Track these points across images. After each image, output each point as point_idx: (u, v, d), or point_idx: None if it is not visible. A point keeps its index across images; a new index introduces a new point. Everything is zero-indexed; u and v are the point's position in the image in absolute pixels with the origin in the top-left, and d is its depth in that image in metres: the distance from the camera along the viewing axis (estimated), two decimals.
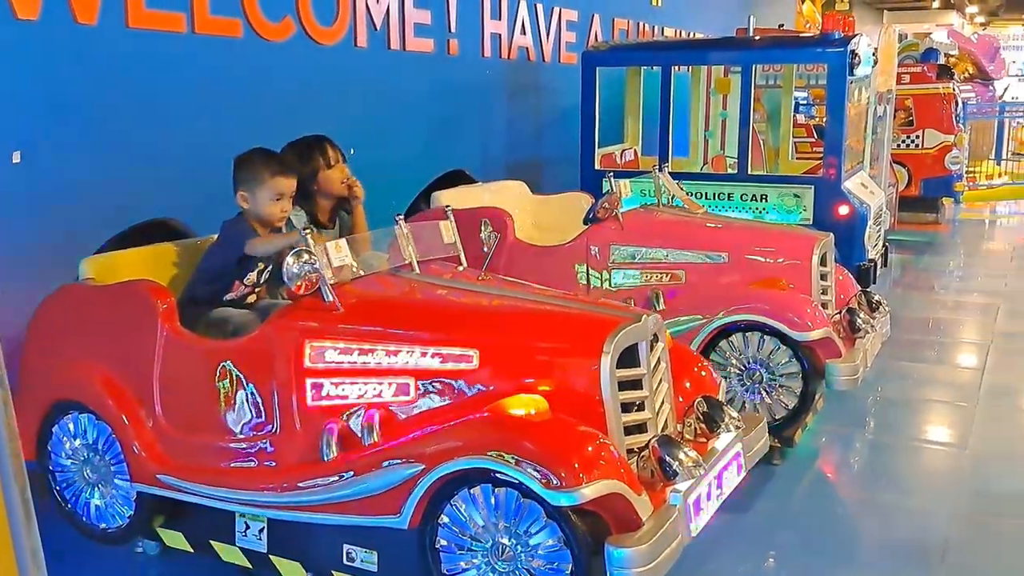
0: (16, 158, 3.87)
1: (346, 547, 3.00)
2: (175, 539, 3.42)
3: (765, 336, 4.30)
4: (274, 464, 3.04)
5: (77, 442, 3.47)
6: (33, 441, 3.47)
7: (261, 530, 3.19)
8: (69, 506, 3.53)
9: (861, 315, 4.51)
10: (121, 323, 3.37)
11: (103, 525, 3.48)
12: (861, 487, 4.32)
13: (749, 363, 4.35)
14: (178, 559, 3.45)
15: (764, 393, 4.35)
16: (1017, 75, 25.04)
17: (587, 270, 4.72)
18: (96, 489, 3.47)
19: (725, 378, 4.30)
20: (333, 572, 3.06)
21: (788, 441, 4.40)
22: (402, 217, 3.33)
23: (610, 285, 4.69)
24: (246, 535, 3.22)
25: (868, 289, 5.17)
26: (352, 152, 4.60)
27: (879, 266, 6.35)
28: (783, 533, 3.77)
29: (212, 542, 3.32)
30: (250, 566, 3.25)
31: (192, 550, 3.39)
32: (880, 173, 7.82)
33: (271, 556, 3.19)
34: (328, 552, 3.05)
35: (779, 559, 3.61)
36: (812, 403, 4.40)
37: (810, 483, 4.32)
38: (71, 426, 3.47)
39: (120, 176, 4.30)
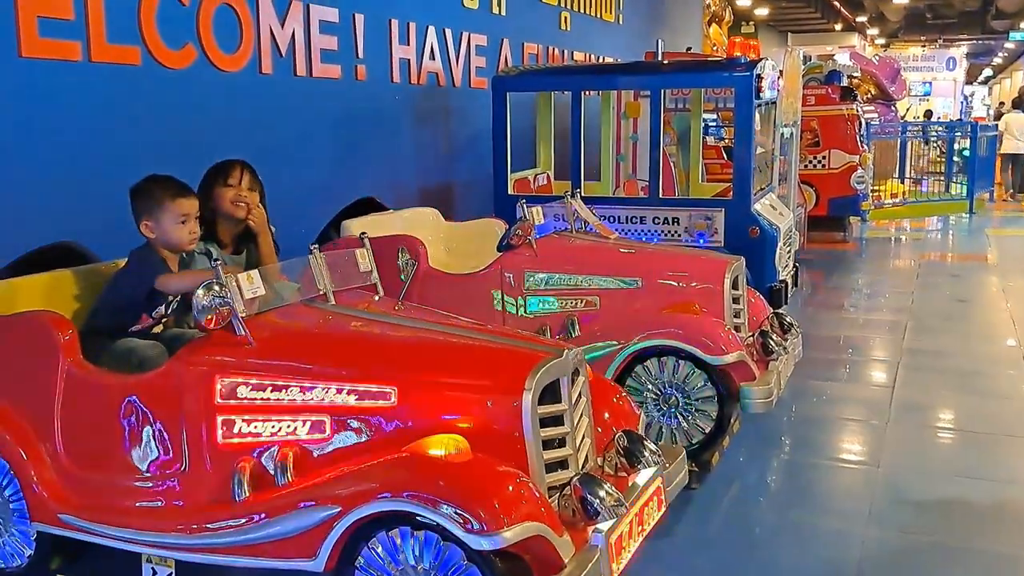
0: None
1: None
2: None
3: (680, 360, 4.30)
4: (182, 504, 2.95)
5: None
6: None
7: (169, 575, 3.05)
8: None
9: (774, 337, 4.54)
10: (19, 355, 3.25)
11: (1, 564, 3.33)
12: (778, 509, 4.33)
13: (665, 388, 4.34)
14: None
15: (680, 417, 4.34)
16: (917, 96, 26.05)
17: (502, 297, 4.67)
18: None
19: (641, 403, 4.31)
20: None
21: (705, 465, 4.40)
22: (317, 247, 3.24)
23: (525, 312, 4.64)
24: None
25: (780, 310, 5.23)
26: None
27: (790, 287, 6.44)
28: (702, 558, 3.75)
29: None
30: None
31: None
32: (788, 194, 7.96)
33: None
34: None
35: None
36: (728, 426, 4.41)
37: (728, 507, 4.32)
38: None
39: (17, 202, 4.12)
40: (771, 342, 4.50)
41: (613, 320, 4.46)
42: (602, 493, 2.70)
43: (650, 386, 4.36)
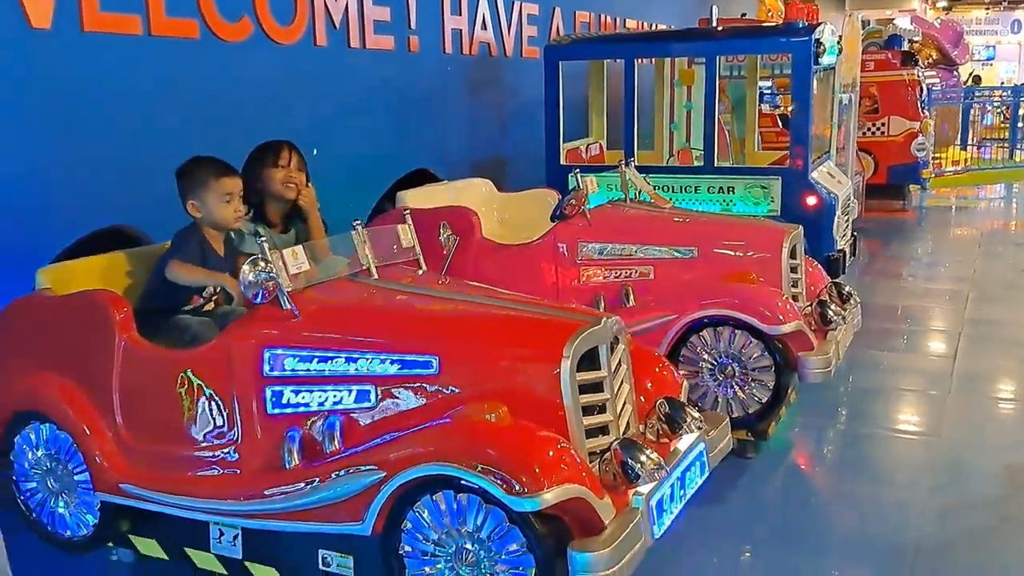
0: None
1: (321, 552, 2.96)
2: (149, 547, 3.38)
3: (736, 331, 4.26)
4: (238, 472, 3.02)
5: (40, 452, 3.43)
6: None
7: (236, 537, 3.14)
8: (34, 515, 3.50)
9: (832, 307, 4.47)
10: (79, 333, 3.34)
11: (68, 533, 3.45)
12: (835, 479, 4.30)
13: (721, 358, 4.31)
14: (153, 566, 3.40)
15: (737, 387, 4.31)
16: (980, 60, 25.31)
17: (555, 268, 4.67)
18: (60, 498, 3.43)
19: (697, 373, 4.30)
20: None
21: (762, 435, 4.37)
22: (359, 222, 3.28)
23: (579, 282, 4.63)
24: (221, 542, 3.17)
25: (838, 280, 5.16)
26: (315, 153, 4.52)
27: (848, 256, 6.34)
28: (758, 527, 3.74)
29: (187, 549, 3.28)
30: (225, 572, 3.21)
31: (167, 557, 3.35)
32: (847, 162, 7.82)
33: (246, 563, 3.15)
34: (303, 558, 3.01)
35: (755, 553, 3.59)
36: (785, 396, 4.36)
37: (784, 476, 4.30)
38: (32, 436, 3.43)
39: (76, 183, 4.22)
40: (829, 311, 4.44)
41: (668, 290, 4.43)
42: (642, 457, 2.72)
43: (705, 356, 4.33)
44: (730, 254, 4.55)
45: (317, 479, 2.76)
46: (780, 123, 9.97)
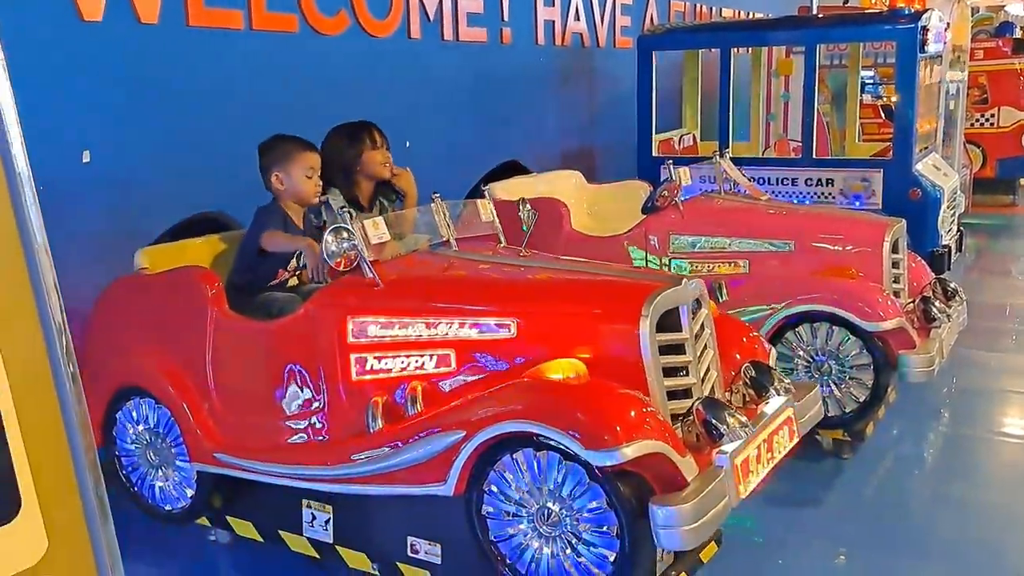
0: (86, 157, 3.96)
1: (410, 539, 3.01)
2: (245, 528, 3.47)
3: (834, 327, 4.14)
4: (325, 439, 3.08)
5: (140, 427, 3.54)
6: (99, 428, 3.56)
7: (327, 521, 3.22)
8: (135, 489, 3.61)
9: (936, 303, 4.31)
10: (174, 309, 3.45)
11: (167, 507, 3.55)
12: (935, 482, 4.15)
13: (817, 355, 4.19)
14: (248, 547, 3.50)
15: (833, 386, 4.19)
16: None
17: (645, 260, 4.61)
18: (159, 471, 3.54)
19: (792, 371, 4.19)
20: (398, 564, 3.06)
21: (859, 435, 4.25)
22: (439, 195, 3.31)
23: None
24: (313, 525, 3.25)
25: (943, 276, 4.96)
26: (408, 145, 4.56)
27: (954, 251, 6.11)
28: (854, 528, 3.64)
29: (280, 532, 3.36)
30: (317, 556, 3.28)
31: (261, 539, 3.44)
32: (953, 154, 7.53)
33: (337, 547, 3.21)
34: (393, 544, 3.06)
35: (849, 555, 3.49)
36: (884, 396, 4.23)
37: (881, 478, 4.16)
38: (133, 412, 3.54)
39: (176, 171, 4.34)
40: (933, 308, 4.28)
41: (763, 284, 4.33)
42: (726, 415, 2.67)
43: (801, 353, 4.22)
44: (829, 248, 4.43)
45: (397, 441, 2.79)
46: (883, 114, 9.66)
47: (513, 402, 2.64)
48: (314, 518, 3.24)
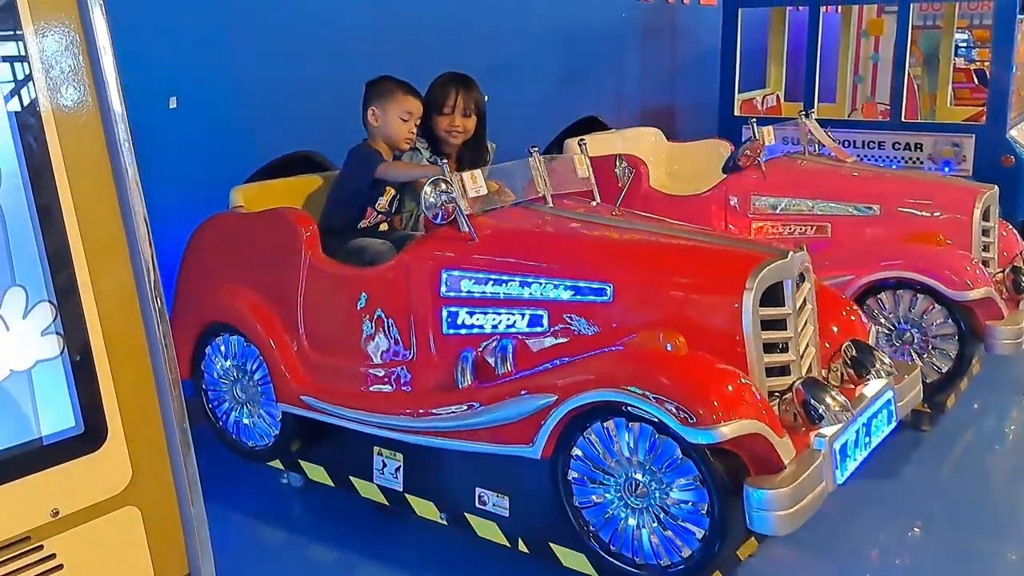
0: (173, 103, 4.02)
1: (479, 491, 3.00)
2: (317, 473, 3.51)
3: (918, 295, 4.02)
4: (410, 390, 3.08)
5: (228, 362, 3.59)
6: (188, 360, 3.61)
7: (398, 469, 3.23)
8: (220, 423, 3.66)
9: None
10: (267, 249, 3.45)
11: (251, 443, 3.58)
12: (1017, 458, 4.03)
13: (900, 323, 4.08)
14: (320, 491, 3.55)
15: (915, 355, 4.08)
16: None
17: (725, 221, 4.52)
18: (245, 408, 3.58)
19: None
20: (466, 514, 3.07)
21: (939, 407, 4.13)
22: (536, 149, 3.26)
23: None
24: (383, 473, 3.27)
25: None
26: (487, 98, 4.51)
27: None
28: (931, 503, 3.56)
29: (351, 478, 3.39)
30: (386, 503, 3.30)
31: (333, 484, 3.48)
32: None
33: (407, 495, 3.23)
34: (461, 495, 3.06)
35: (925, 529, 3.42)
36: (968, 367, 4.10)
37: (962, 452, 4.05)
38: (222, 347, 3.58)
39: (272, 110, 4.39)
40: (1023, 279, 4.12)
41: (846, 249, 4.22)
42: (827, 398, 2.59)
43: (883, 320, 4.11)
44: (916, 213, 4.29)
45: (488, 400, 2.77)
46: (976, 78, 9.29)
47: (608, 370, 2.57)
48: (384, 466, 3.26)
